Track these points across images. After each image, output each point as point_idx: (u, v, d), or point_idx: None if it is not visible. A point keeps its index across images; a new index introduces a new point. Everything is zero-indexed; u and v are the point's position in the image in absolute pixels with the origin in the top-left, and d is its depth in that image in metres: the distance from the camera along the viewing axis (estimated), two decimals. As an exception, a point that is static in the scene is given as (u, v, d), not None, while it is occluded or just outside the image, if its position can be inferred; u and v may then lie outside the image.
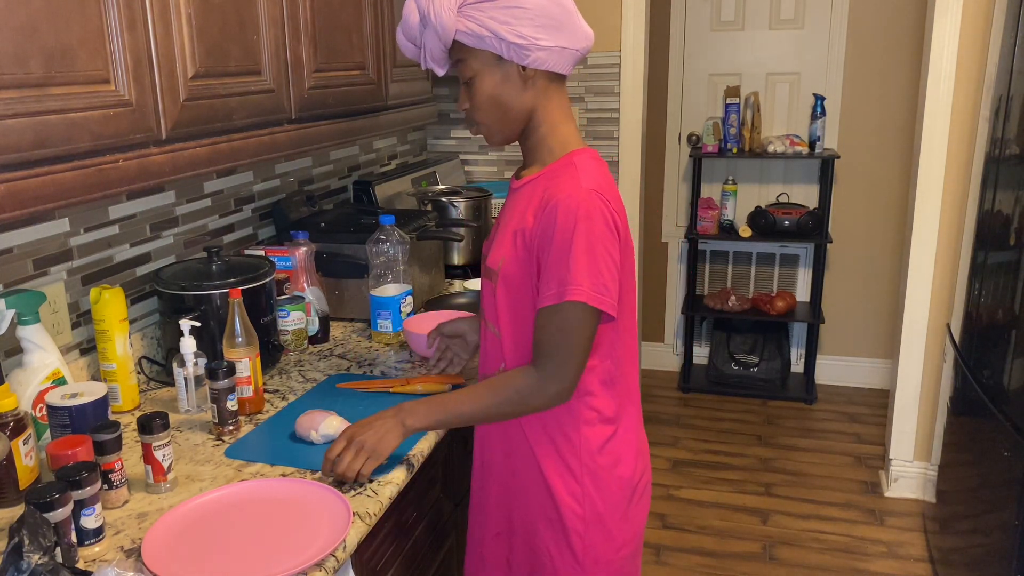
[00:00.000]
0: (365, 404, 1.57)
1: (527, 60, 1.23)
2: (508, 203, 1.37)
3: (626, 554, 1.36)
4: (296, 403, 1.61)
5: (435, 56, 1.27)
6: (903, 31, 3.66)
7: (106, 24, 1.16)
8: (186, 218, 1.90)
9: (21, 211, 1.05)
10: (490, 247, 1.37)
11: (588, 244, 1.19)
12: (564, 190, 1.21)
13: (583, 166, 1.26)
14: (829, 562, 2.70)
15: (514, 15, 1.20)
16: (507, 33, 1.21)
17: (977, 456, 2.35)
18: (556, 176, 1.26)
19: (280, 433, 1.48)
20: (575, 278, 1.18)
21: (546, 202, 1.23)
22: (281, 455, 1.39)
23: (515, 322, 1.30)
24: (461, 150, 3.22)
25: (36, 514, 0.99)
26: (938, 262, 2.90)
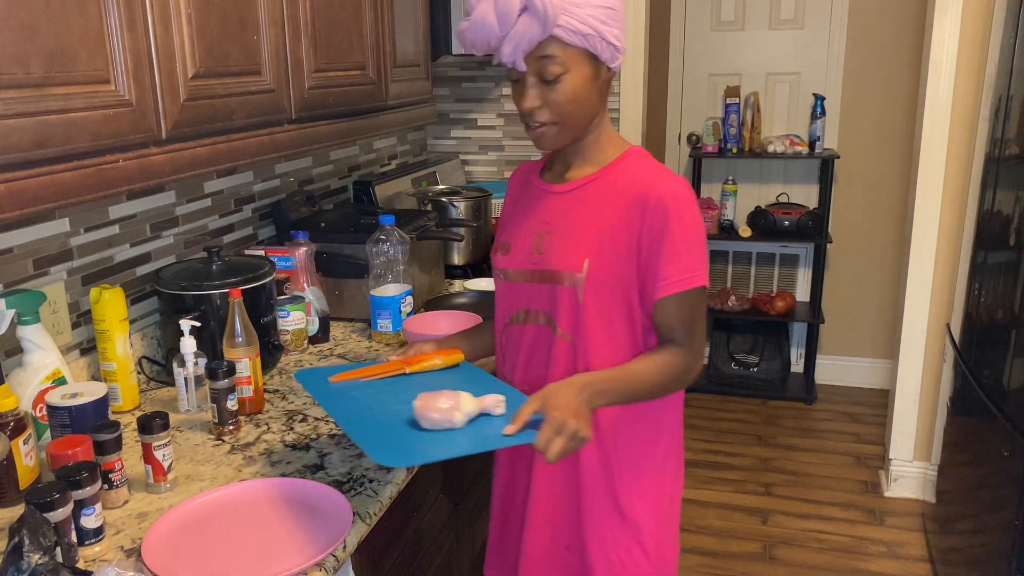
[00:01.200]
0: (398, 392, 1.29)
1: (616, 63, 1.23)
2: (553, 207, 1.31)
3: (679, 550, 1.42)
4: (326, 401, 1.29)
5: (524, 47, 1.17)
6: (903, 31, 3.66)
7: (106, 24, 1.16)
8: (186, 218, 1.90)
9: (21, 211, 1.05)
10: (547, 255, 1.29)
11: (698, 231, 1.24)
12: (663, 182, 1.24)
13: (652, 160, 1.30)
14: (829, 562, 2.70)
15: (611, 16, 1.19)
16: (607, 33, 1.18)
17: (977, 456, 2.35)
18: (630, 171, 1.27)
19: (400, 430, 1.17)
20: (698, 263, 1.23)
21: (645, 195, 1.23)
22: (437, 446, 1.13)
23: (602, 326, 1.27)
24: (461, 150, 3.22)
25: (36, 514, 0.99)
26: (938, 262, 2.90)
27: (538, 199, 1.36)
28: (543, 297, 1.31)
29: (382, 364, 1.38)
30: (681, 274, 1.22)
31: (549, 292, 1.29)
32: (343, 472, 1.34)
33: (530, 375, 1.34)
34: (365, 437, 1.14)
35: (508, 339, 1.39)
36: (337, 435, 1.47)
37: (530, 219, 1.35)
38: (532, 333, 1.34)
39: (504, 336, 1.40)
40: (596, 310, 1.26)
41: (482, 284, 2.33)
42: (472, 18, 1.19)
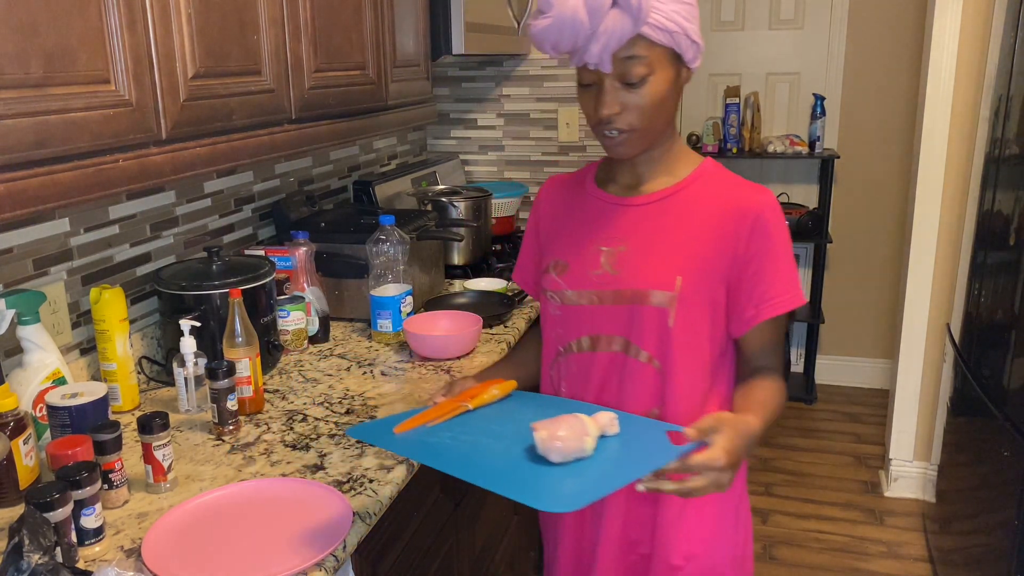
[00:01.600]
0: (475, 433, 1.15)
1: (696, 64, 1.16)
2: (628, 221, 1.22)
3: None
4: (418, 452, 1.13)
5: (614, 45, 1.07)
6: (903, 31, 3.66)
7: (106, 24, 1.16)
8: (186, 218, 1.90)
9: (21, 211, 1.05)
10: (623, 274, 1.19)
11: (790, 245, 1.20)
12: (760, 195, 1.18)
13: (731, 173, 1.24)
14: (829, 562, 2.70)
15: (691, 13, 1.11)
16: (692, 31, 1.11)
17: (977, 456, 2.35)
18: (715, 184, 1.21)
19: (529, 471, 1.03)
20: (793, 282, 1.19)
21: (742, 210, 1.16)
22: (600, 475, 1.02)
23: (689, 349, 1.19)
24: (461, 150, 3.22)
25: (36, 514, 0.99)
26: (938, 262, 2.90)
27: (604, 213, 1.25)
28: (619, 320, 1.20)
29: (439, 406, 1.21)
30: (789, 291, 1.17)
31: (627, 314, 1.19)
32: (343, 472, 1.34)
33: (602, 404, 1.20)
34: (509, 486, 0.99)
35: (567, 369, 1.27)
36: (337, 435, 1.47)
37: (594, 235, 1.24)
38: (604, 361, 1.23)
39: (561, 365, 1.28)
40: (685, 332, 1.18)
41: (482, 284, 2.33)
42: (556, 14, 1.08)
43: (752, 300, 1.18)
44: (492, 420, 1.19)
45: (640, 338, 1.20)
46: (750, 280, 1.17)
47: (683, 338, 1.18)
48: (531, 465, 1.04)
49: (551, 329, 1.30)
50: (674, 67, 1.14)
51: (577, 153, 3.06)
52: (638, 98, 1.12)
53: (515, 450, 1.08)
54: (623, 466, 1.03)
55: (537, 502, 0.95)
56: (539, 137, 3.10)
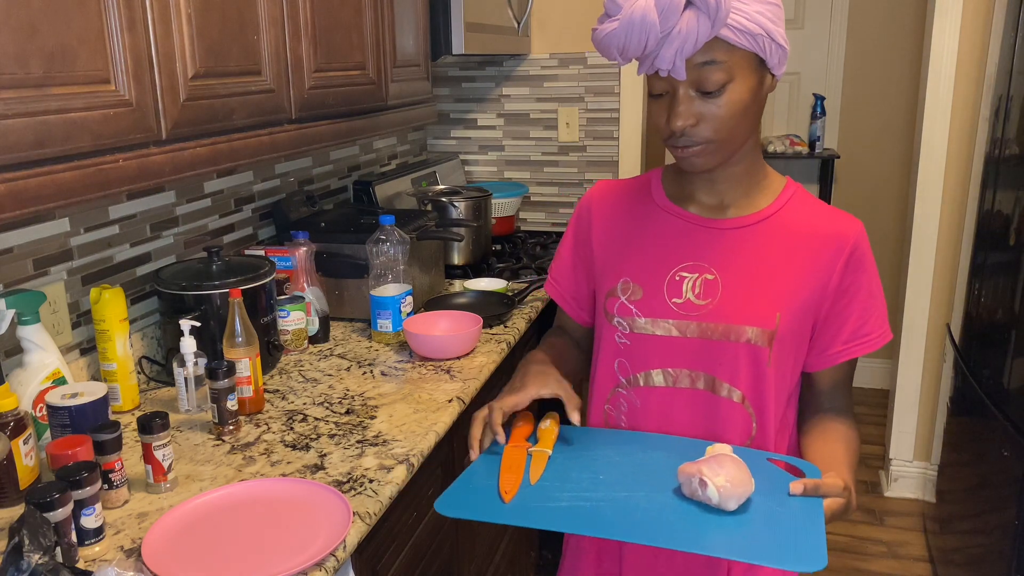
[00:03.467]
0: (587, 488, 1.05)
1: (781, 70, 1.05)
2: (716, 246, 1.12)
3: None
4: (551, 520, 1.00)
5: (689, 49, 0.97)
6: (903, 31, 3.66)
7: (106, 24, 1.16)
8: (186, 218, 1.90)
9: (21, 211, 1.05)
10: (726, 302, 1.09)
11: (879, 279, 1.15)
12: (853, 224, 1.11)
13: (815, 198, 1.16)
14: (829, 562, 2.70)
15: (776, 14, 1.00)
16: (777, 34, 1.00)
17: (977, 456, 2.35)
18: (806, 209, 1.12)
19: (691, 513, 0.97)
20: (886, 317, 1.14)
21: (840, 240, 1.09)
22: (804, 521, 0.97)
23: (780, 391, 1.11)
24: (461, 150, 3.22)
25: (36, 514, 0.99)
26: (938, 262, 2.90)
27: (686, 234, 1.14)
28: (704, 355, 1.10)
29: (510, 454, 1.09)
30: (880, 328, 1.11)
31: (716, 350, 1.09)
32: (343, 472, 1.34)
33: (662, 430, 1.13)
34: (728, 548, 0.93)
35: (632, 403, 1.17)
36: (337, 435, 1.47)
37: (673, 256, 1.13)
38: (686, 398, 1.13)
39: (623, 398, 1.17)
40: (779, 372, 1.10)
41: (482, 284, 2.33)
42: (625, 16, 0.98)
43: (840, 337, 1.11)
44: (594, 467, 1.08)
45: (733, 377, 1.10)
46: (840, 315, 1.11)
47: (774, 379, 1.10)
48: (706, 515, 0.96)
49: (610, 357, 1.18)
50: (757, 74, 1.03)
51: (577, 153, 3.06)
52: (716, 108, 1.01)
53: (663, 499, 1.00)
54: (788, 505, 0.98)
55: (789, 563, 0.90)
56: (539, 137, 3.10)
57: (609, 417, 1.21)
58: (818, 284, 1.09)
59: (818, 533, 0.94)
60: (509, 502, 1.02)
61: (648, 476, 1.03)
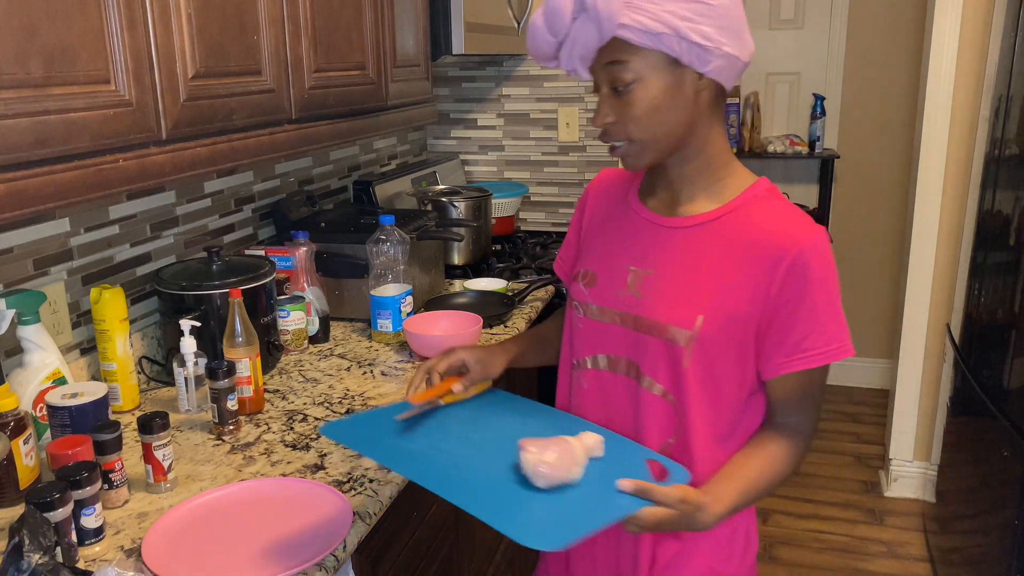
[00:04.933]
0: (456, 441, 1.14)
1: (707, 67, 1.03)
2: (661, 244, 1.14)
3: None
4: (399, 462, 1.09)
5: (585, 53, 1.04)
6: (903, 31, 3.66)
7: (106, 24, 1.16)
8: (186, 218, 1.90)
9: (21, 211, 1.05)
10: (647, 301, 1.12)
11: (837, 294, 1.09)
12: (803, 235, 1.05)
13: (784, 201, 1.11)
14: (829, 562, 2.70)
15: (698, 11, 1.00)
16: (690, 31, 1.00)
17: (977, 456, 2.35)
18: (759, 214, 1.09)
19: (511, 496, 1.00)
20: (843, 335, 1.09)
21: (780, 249, 1.05)
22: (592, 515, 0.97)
23: (707, 389, 1.10)
24: (461, 150, 3.22)
25: (36, 514, 0.99)
26: (938, 262, 2.90)
27: (638, 229, 1.17)
28: (635, 347, 1.14)
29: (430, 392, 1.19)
30: (828, 345, 1.08)
31: (643, 343, 1.12)
32: (343, 472, 1.34)
33: (615, 428, 1.16)
34: (492, 512, 0.95)
35: (579, 384, 1.23)
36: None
37: (626, 251, 1.17)
38: (618, 384, 1.17)
39: (577, 375, 1.23)
40: (703, 371, 1.09)
41: (482, 284, 2.33)
42: (530, 25, 1.07)
43: (782, 349, 1.08)
44: (474, 426, 1.17)
45: (653, 370, 1.12)
46: (781, 326, 1.07)
47: (700, 377, 1.10)
48: (515, 488, 1.00)
49: (568, 338, 1.25)
50: (670, 72, 1.03)
51: (577, 153, 3.06)
52: (629, 107, 1.05)
53: (498, 466, 1.04)
54: (607, 501, 0.98)
55: (520, 536, 0.91)
56: (539, 137, 3.10)
57: (563, 396, 1.27)
58: (753, 292, 1.06)
59: (587, 523, 0.94)
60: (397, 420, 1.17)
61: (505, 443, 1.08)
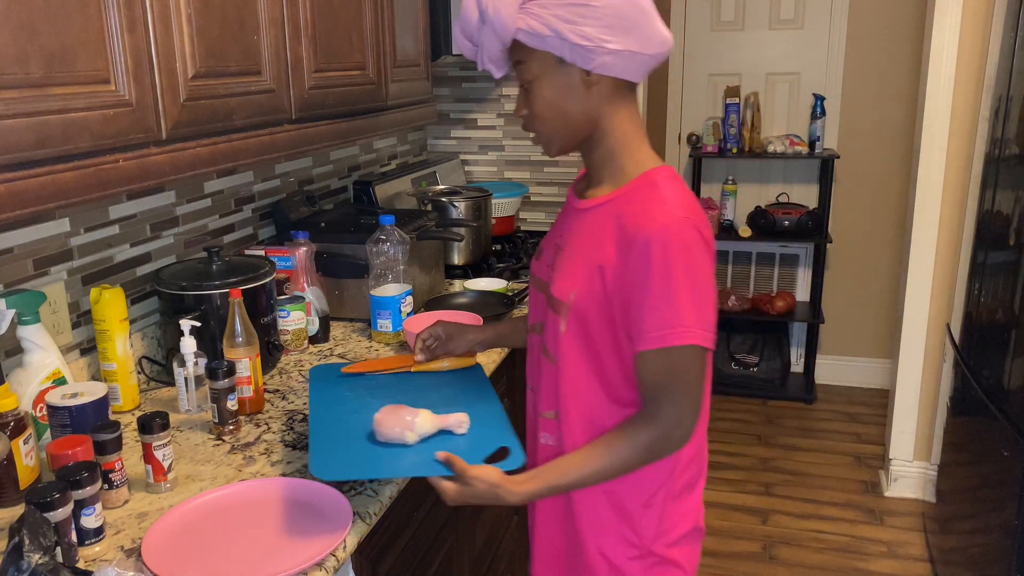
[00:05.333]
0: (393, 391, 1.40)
1: (592, 64, 1.12)
2: (572, 224, 1.25)
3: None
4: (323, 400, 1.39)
5: (493, 56, 1.18)
6: (903, 31, 3.66)
7: (106, 24, 1.16)
8: (186, 218, 1.90)
9: (21, 211, 1.05)
10: (552, 272, 1.24)
11: (691, 280, 1.09)
12: (655, 220, 1.10)
13: (666, 188, 1.14)
14: (829, 562, 2.70)
15: (580, 13, 1.09)
16: (570, 33, 1.10)
17: (977, 456, 2.35)
18: (636, 200, 1.14)
19: (350, 439, 1.24)
20: (682, 319, 1.08)
21: (633, 233, 1.11)
22: (381, 465, 1.18)
23: (583, 359, 1.19)
24: (461, 150, 3.22)
25: (36, 514, 0.99)
26: (938, 262, 2.90)
27: (566, 211, 1.30)
28: (543, 313, 1.26)
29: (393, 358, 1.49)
30: (660, 329, 1.09)
31: (547, 311, 1.24)
32: (343, 472, 1.34)
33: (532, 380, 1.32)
34: (318, 444, 1.22)
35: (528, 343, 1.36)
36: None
37: (556, 230, 1.30)
38: (535, 347, 1.30)
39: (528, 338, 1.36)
40: (579, 343, 1.18)
41: (482, 284, 2.33)
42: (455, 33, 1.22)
43: (632, 329, 1.13)
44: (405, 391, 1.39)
45: (546, 337, 1.25)
46: (631, 308, 1.12)
47: (576, 347, 1.18)
48: (362, 439, 1.24)
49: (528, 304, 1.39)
50: (560, 70, 1.14)
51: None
52: (532, 102, 1.18)
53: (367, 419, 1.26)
54: (418, 464, 1.17)
55: (312, 461, 1.17)
56: (539, 137, 3.09)
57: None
58: (614, 272, 1.13)
59: (376, 471, 1.18)
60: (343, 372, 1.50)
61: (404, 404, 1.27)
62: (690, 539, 1.32)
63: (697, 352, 1.11)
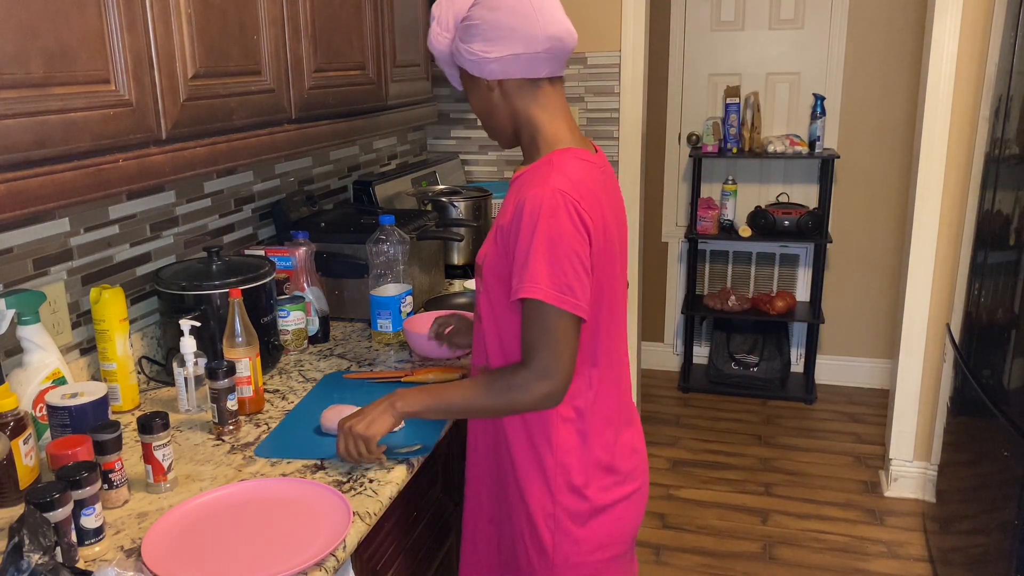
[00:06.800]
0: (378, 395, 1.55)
1: (484, 73, 1.29)
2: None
3: (603, 557, 1.35)
4: (309, 398, 1.63)
5: (450, 73, 1.39)
6: (903, 31, 3.66)
7: (106, 24, 1.16)
8: (186, 218, 1.90)
9: (21, 211, 1.05)
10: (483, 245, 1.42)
11: (549, 243, 1.19)
12: (534, 188, 1.22)
13: (559, 165, 1.26)
14: (829, 562, 2.70)
15: (469, 32, 1.28)
16: (463, 51, 1.29)
17: (977, 456, 2.35)
18: (533, 174, 1.27)
19: (303, 428, 1.50)
20: (533, 275, 1.19)
21: (519, 200, 1.24)
22: (313, 449, 1.42)
23: (494, 316, 1.32)
24: (461, 150, 3.22)
25: (36, 514, 0.99)
26: (938, 262, 2.90)
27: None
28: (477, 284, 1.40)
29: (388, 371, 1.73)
30: (521, 283, 1.20)
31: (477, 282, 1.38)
32: (343, 472, 1.34)
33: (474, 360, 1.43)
34: (279, 431, 1.49)
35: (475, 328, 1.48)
36: None
37: None
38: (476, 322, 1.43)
39: None
40: (489, 302, 1.32)
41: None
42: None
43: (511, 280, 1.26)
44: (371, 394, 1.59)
45: (476, 300, 1.38)
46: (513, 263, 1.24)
47: (489, 304, 1.32)
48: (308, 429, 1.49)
49: None
50: (472, 81, 1.33)
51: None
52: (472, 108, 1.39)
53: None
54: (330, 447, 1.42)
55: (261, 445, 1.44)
56: (539, 137, 3.09)
57: None
58: (504, 233, 1.26)
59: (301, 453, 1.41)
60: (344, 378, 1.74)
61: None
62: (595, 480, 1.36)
63: (556, 312, 1.20)
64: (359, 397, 1.60)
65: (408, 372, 1.73)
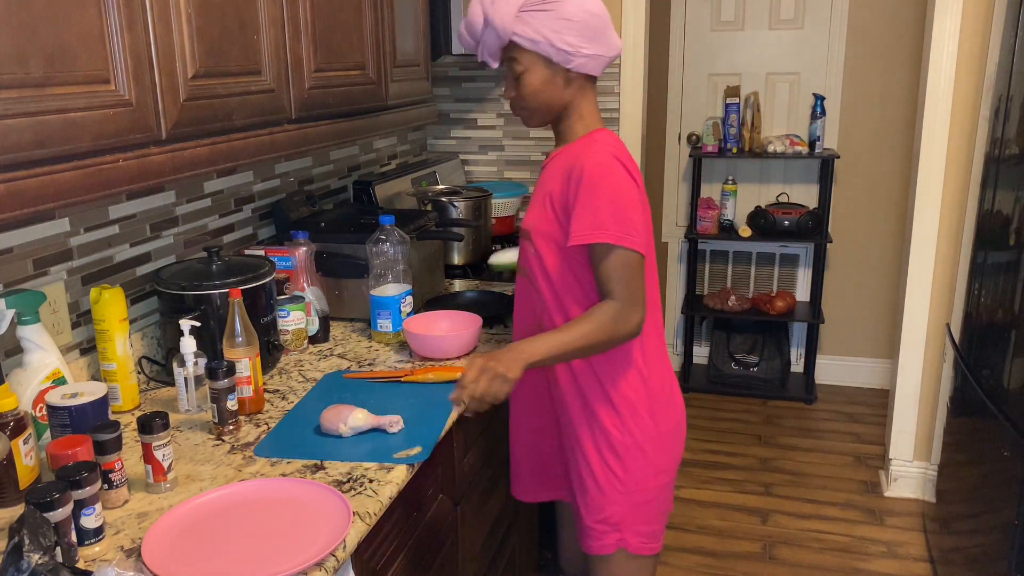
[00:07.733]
0: (378, 395, 1.64)
1: (571, 64, 1.48)
2: (540, 178, 1.60)
3: (663, 482, 1.59)
4: (309, 398, 1.64)
5: (491, 52, 1.50)
6: (903, 31, 3.66)
7: (106, 24, 1.16)
8: (186, 218, 1.90)
9: (21, 211, 1.05)
10: (528, 212, 1.60)
11: (613, 194, 1.42)
12: (590, 156, 1.46)
13: (603, 139, 1.51)
14: (829, 562, 2.70)
15: (564, 26, 1.44)
16: (558, 40, 1.44)
17: (977, 456, 2.35)
18: (581, 149, 1.50)
19: (303, 428, 1.50)
20: (602, 223, 1.41)
21: (572, 168, 1.46)
22: (313, 449, 1.42)
23: (549, 272, 1.53)
24: (461, 150, 3.22)
25: (36, 514, 0.99)
26: (938, 262, 2.90)
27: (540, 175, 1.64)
28: (524, 250, 1.60)
29: (388, 371, 1.76)
30: (585, 229, 1.42)
31: (526, 246, 1.58)
32: (343, 472, 1.34)
33: (519, 321, 1.68)
34: (278, 431, 1.50)
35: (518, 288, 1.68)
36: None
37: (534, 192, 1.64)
38: (523, 282, 1.65)
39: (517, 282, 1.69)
40: (542, 260, 1.53)
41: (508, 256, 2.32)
42: (460, 30, 1.54)
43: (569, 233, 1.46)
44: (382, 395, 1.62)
45: (527, 265, 1.59)
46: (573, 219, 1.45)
47: (541, 263, 1.54)
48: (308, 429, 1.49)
49: None
50: (547, 68, 1.48)
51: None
52: (521, 88, 1.51)
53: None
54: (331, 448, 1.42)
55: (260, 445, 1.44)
56: (539, 137, 3.10)
57: None
58: (558, 198, 1.49)
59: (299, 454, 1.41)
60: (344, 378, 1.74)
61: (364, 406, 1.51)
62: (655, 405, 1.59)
63: (625, 251, 1.43)
64: (359, 397, 1.60)
65: (408, 372, 1.72)
